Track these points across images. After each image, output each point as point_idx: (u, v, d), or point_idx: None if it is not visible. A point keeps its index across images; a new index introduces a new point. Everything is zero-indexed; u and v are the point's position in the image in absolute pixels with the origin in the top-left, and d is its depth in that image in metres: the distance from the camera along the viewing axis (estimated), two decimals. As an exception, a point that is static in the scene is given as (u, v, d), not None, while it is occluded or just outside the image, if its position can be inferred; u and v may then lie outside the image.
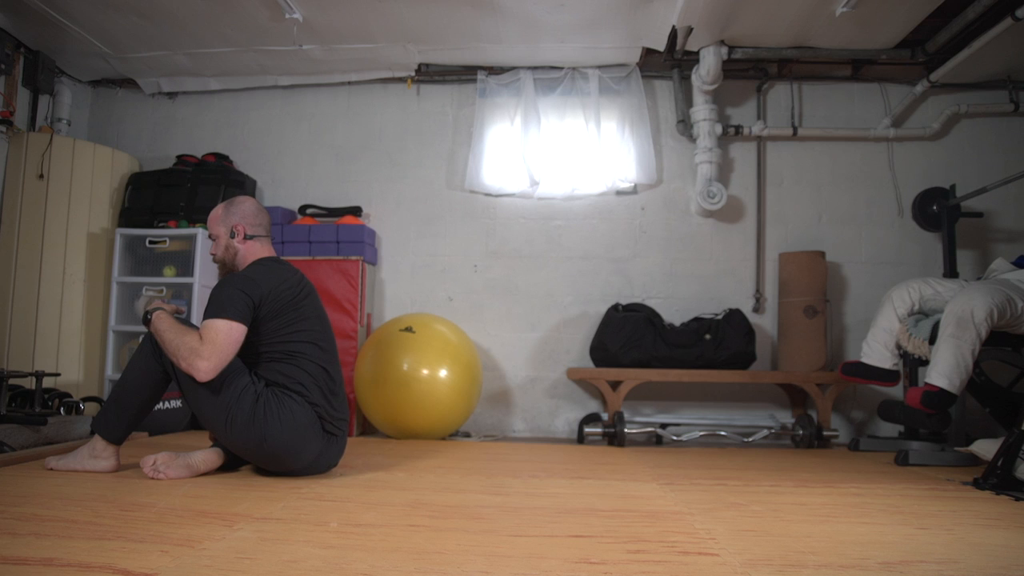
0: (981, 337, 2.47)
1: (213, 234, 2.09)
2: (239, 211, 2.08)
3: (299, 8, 3.28)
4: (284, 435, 1.86)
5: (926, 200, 3.60)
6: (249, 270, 1.99)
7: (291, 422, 1.87)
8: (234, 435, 1.86)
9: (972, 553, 1.32)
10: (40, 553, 1.15)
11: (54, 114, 3.92)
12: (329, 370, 2.01)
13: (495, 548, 1.28)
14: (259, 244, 2.07)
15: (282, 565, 1.13)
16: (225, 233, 2.06)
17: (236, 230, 2.06)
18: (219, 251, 2.08)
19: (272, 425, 1.84)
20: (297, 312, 1.97)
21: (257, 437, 1.85)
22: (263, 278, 1.94)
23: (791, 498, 1.88)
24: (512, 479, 2.11)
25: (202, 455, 1.97)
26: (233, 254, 2.07)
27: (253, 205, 2.11)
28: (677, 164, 3.89)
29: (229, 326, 1.81)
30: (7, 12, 3.38)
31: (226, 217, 2.07)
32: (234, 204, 2.10)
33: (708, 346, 3.38)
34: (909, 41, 3.46)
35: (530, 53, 3.77)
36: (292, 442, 1.88)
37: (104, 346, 3.56)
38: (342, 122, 4.10)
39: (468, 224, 3.94)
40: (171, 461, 1.89)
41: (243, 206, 2.09)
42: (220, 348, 1.79)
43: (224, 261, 2.08)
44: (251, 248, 2.06)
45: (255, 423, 1.84)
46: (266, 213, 2.15)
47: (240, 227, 2.06)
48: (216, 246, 2.09)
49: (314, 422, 1.92)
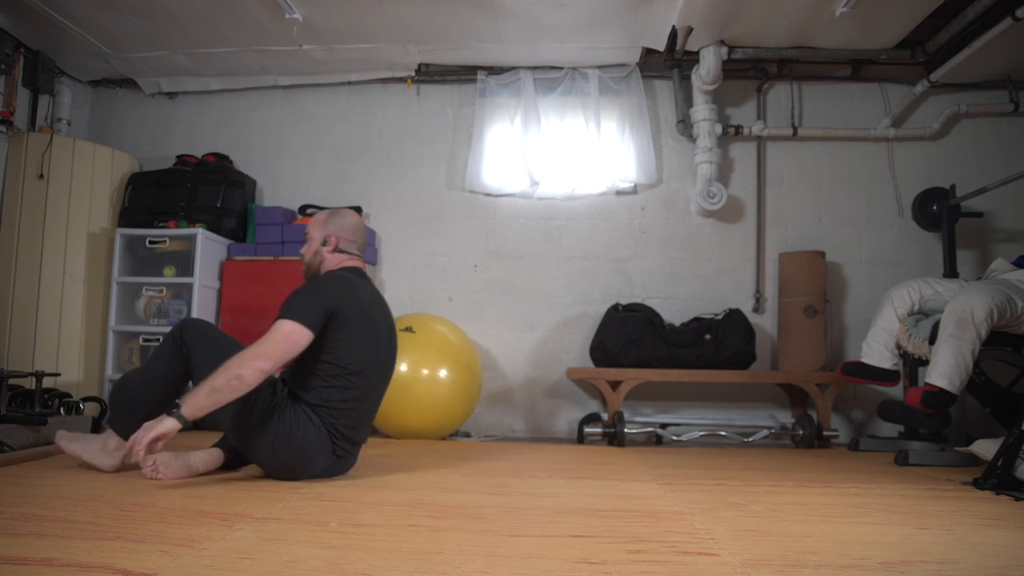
0: (981, 337, 2.47)
1: (309, 235, 2.11)
2: (339, 223, 2.09)
3: (299, 8, 3.27)
4: (292, 452, 1.86)
5: (926, 200, 3.60)
6: (327, 276, 1.99)
7: (301, 441, 1.86)
8: (244, 438, 1.86)
9: (972, 553, 1.31)
10: (40, 553, 1.15)
11: (54, 114, 3.92)
12: (371, 399, 2.00)
13: (495, 548, 1.28)
14: (345, 258, 2.08)
15: (282, 565, 1.13)
16: (319, 238, 2.08)
17: (329, 239, 2.07)
18: (308, 253, 2.10)
19: (281, 440, 1.84)
20: (361, 330, 1.94)
21: (265, 447, 1.85)
22: (338, 286, 1.93)
23: (791, 498, 1.88)
24: (512, 479, 2.11)
25: (202, 455, 1.97)
26: (319, 261, 2.08)
27: (354, 222, 2.13)
28: (677, 164, 3.89)
29: (292, 327, 1.79)
30: (7, 12, 3.38)
31: (325, 224, 2.09)
32: (337, 215, 2.12)
33: (708, 346, 3.38)
34: (909, 41, 3.46)
35: (530, 53, 3.77)
36: (298, 460, 1.89)
37: (104, 346, 3.56)
38: (342, 122, 4.09)
39: (468, 224, 3.94)
40: (170, 461, 1.89)
41: (344, 220, 2.11)
42: (275, 347, 1.77)
43: (309, 264, 2.09)
44: (336, 261, 2.07)
45: (266, 433, 1.83)
46: (364, 233, 2.16)
47: (334, 238, 2.07)
48: (307, 248, 2.10)
49: (325, 444, 1.90)
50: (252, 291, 3.58)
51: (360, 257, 2.14)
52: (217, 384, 1.71)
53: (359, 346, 1.94)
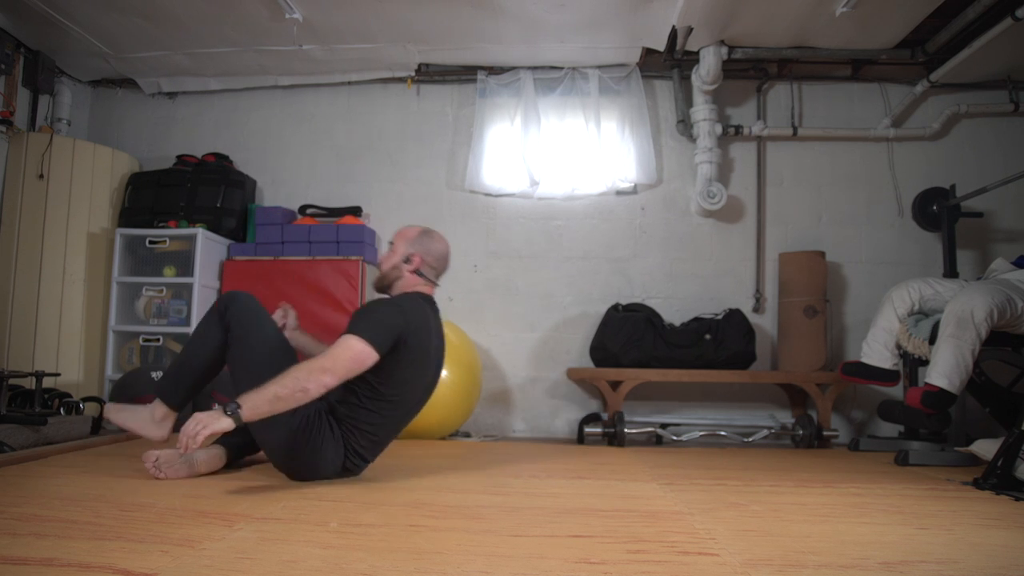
0: (981, 337, 2.47)
1: (393, 247, 2.08)
2: (428, 245, 2.07)
3: (299, 8, 3.27)
4: (303, 456, 1.86)
5: (926, 200, 3.60)
6: (404, 301, 1.96)
7: (317, 451, 1.85)
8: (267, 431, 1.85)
9: (972, 553, 1.31)
10: (40, 553, 1.15)
11: (54, 114, 3.92)
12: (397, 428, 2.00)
13: (495, 548, 1.28)
14: (422, 282, 2.06)
15: (282, 565, 1.13)
16: (403, 254, 2.05)
17: (412, 259, 2.04)
18: (386, 264, 2.07)
19: (299, 442, 1.83)
20: (414, 366, 1.93)
21: (282, 442, 1.84)
22: (415, 316, 1.91)
23: (791, 498, 1.88)
24: (512, 479, 2.11)
25: (205, 455, 1.96)
26: (395, 277, 2.05)
27: (443, 249, 2.11)
28: (677, 164, 3.89)
29: (363, 348, 1.77)
30: (7, 12, 3.38)
31: (414, 242, 2.07)
32: (429, 236, 2.09)
33: (708, 346, 3.38)
34: (909, 41, 3.46)
35: (530, 53, 3.77)
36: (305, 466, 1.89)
37: (104, 346, 3.56)
38: (342, 122, 4.10)
39: (468, 224, 3.94)
40: (173, 460, 1.89)
41: (434, 244, 2.08)
42: (343, 365, 1.75)
43: (384, 275, 2.07)
44: (413, 282, 2.05)
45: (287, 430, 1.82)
46: (448, 263, 2.14)
47: (418, 258, 2.04)
48: (387, 258, 2.07)
49: (337, 459, 1.90)
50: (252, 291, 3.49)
51: (435, 285, 2.10)
52: (282, 394, 1.69)
53: (408, 379, 1.93)
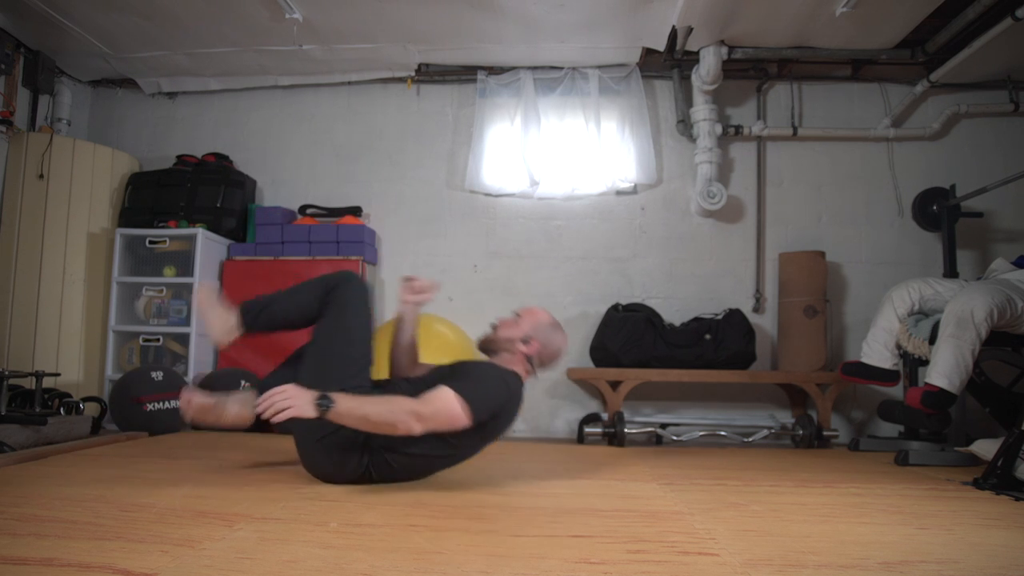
0: (981, 337, 2.47)
1: (520, 319, 2.05)
2: (549, 337, 2.04)
3: (299, 8, 3.28)
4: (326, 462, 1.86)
5: (926, 200, 3.60)
6: (512, 379, 1.92)
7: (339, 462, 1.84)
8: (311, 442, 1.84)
9: (972, 553, 1.32)
10: (40, 553, 1.15)
11: (54, 114, 3.92)
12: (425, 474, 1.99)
13: (495, 548, 1.28)
14: (524, 365, 2.03)
15: (282, 565, 1.13)
16: (525, 333, 2.02)
17: (531, 342, 2.01)
18: (505, 333, 2.03)
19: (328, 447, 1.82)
20: (486, 437, 1.93)
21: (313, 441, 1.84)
22: (516, 396, 1.91)
23: (791, 498, 1.88)
24: (512, 479, 2.11)
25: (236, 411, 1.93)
26: (506, 349, 2.02)
27: (560, 348, 2.08)
28: (677, 164, 3.89)
29: (461, 412, 1.73)
30: (7, 12, 3.38)
31: (540, 328, 2.04)
32: (555, 330, 2.07)
33: (708, 346, 3.38)
34: (909, 41, 3.46)
35: (530, 53, 3.77)
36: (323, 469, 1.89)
37: (104, 346, 3.56)
38: (342, 122, 4.10)
39: (468, 224, 3.94)
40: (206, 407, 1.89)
41: (555, 339, 2.06)
42: (435, 421, 1.72)
43: (496, 340, 2.04)
44: (518, 362, 2.02)
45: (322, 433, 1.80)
46: (556, 363, 2.12)
47: (536, 345, 2.02)
48: (508, 326, 2.04)
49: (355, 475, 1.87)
50: (252, 291, 3.51)
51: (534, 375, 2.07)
52: (373, 419, 1.68)
53: (473, 445, 1.93)
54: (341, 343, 1.90)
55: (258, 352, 3.52)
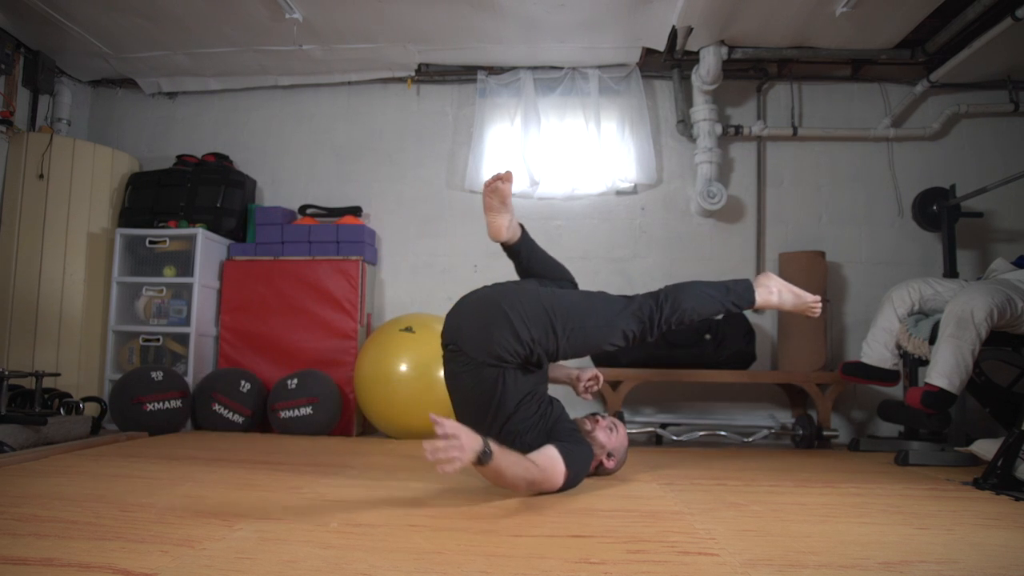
0: (981, 337, 2.47)
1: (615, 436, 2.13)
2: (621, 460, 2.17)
3: (299, 8, 3.28)
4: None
5: (926, 200, 3.60)
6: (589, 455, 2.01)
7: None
8: (481, 410, 1.94)
9: (972, 553, 1.32)
10: (40, 553, 1.15)
11: (54, 114, 3.92)
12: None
13: (495, 548, 1.28)
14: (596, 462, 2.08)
15: (282, 565, 1.13)
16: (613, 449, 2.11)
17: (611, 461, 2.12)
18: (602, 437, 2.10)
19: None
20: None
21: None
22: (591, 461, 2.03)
23: (791, 498, 1.88)
24: (512, 479, 2.10)
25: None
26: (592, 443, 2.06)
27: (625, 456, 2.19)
28: (677, 164, 3.89)
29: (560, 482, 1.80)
30: (7, 12, 3.38)
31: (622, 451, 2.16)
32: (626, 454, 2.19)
33: (708, 346, 3.38)
34: (909, 41, 3.46)
35: (530, 53, 3.77)
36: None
37: (104, 346, 3.56)
38: (342, 122, 4.10)
39: (468, 224, 3.93)
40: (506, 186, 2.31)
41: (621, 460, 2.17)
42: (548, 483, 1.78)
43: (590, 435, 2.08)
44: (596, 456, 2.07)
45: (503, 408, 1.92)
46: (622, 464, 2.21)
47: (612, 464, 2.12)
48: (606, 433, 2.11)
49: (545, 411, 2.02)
50: (252, 291, 3.59)
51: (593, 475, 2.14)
52: (520, 477, 1.71)
53: None
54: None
55: (258, 352, 3.53)
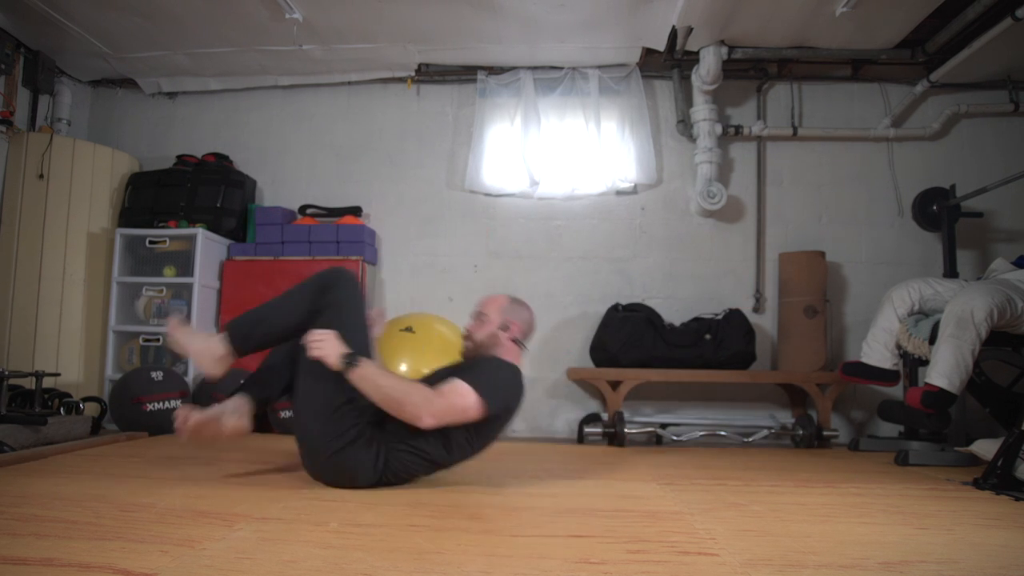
0: (981, 337, 2.47)
1: (485, 315, 2.06)
2: (521, 314, 2.09)
3: (299, 8, 3.27)
4: (339, 474, 1.83)
5: (926, 200, 3.60)
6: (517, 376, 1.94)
7: (352, 473, 1.82)
8: (309, 426, 1.81)
9: (972, 553, 1.32)
10: (40, 553, 1.15)
11: (54, 114, 3.92)
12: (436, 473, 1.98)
13: (495, 548, 1.28)
14: (517, 351, 2.06)
15: (282, 565, 1.13)
16: (499, 322, 2.04)
17: (510, 326, 2.04)
18: (481, 331, 2.05)
19: (341, 453, 1.79)
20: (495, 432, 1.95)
21: (323, 446, 1.79)
22: (521, 392, 1.93)
23: (791, 498, 1.88)
24: (512, 479, 2.11)
25: (233, 424, 1.89)
26: (493, 344, 2.03)
27: (532, 318, 2.14)
28: (677, 164, 3.89)
29: (476, 403, 1.75)
30: (7, 12, 3.38)
31: (508, 310, 2.07)
32: (519, 305, 2.11)
33: (708, 346, 3.38)
34: (909, 41, 3.46)
35: (530, 53, 3.77)
36: (342, 473, 1.84)
37: (104, 346, 3.56)
38: (342, 122, 4.09)
39: (468, 224, 3.93)
40: (203, 423, 1.83)
41: (525, 313, 2.11)
42: (450, 412, 1.74)
43: (480, 344, 2.05)
44: (510, 351, 2.04)
45: (334, 439, 1.77)
46: (534, 330, 2.16)
47: (516, 327, 2.05)
48: (480, 326, 2.06)
49: (374, 475, 1.85)
50: (252, 291, 3.58)
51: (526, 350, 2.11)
52: (391, 393, 1.70)
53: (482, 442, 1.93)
54: (352, 340, 1.84)
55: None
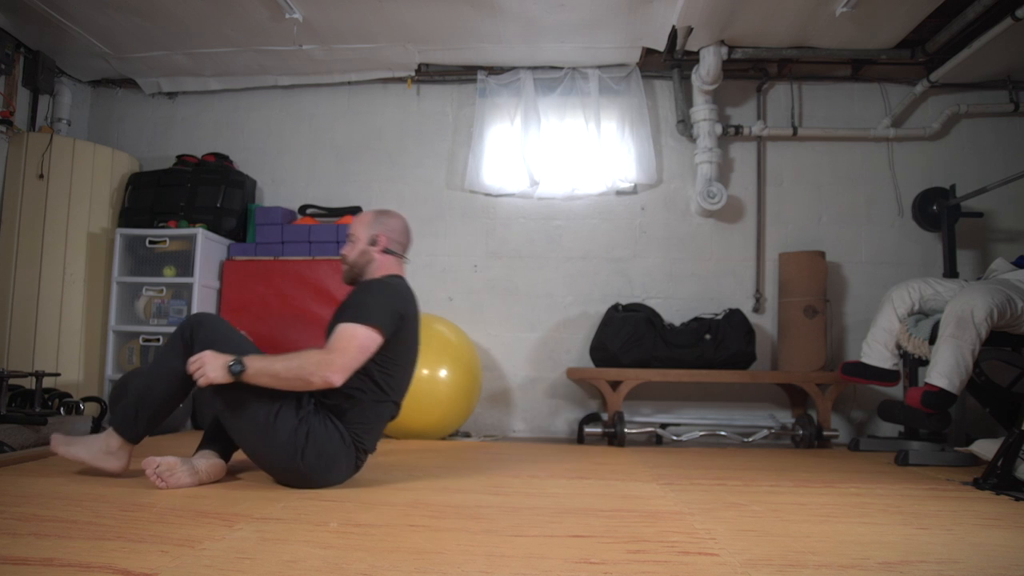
0: (981, 337, 2.47)
1: (353, 235, 2.05)
2: (387, 223, 2.05)
3: (299, 8, 3.27)
4: (318, 464, 1.78)
5: (926, 200, 3.60)
6: (392, 281, 1.93)
7: (331, 454, 1.79)
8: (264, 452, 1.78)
9: (972, 553, 1.31)
10: (40, 553, 1.15)
11: (54, 114, 3.92)
12: (392, 413, 1.95)
13: (495, 548, 1.28)
14: (394, 261, 2.04)
15: (282, 565, 1.13)
16: (366, 238, 2.02)
17: (378, 239, 2.02)
18: (353, 253, 2.03)
19: (310, 453, 1.76)
20: (406, 347, 1.91)
21: (288, 459, 1.76)
22: (405, 293, 1.90)
23: (791, 498, 1.88)
24: (512, 479, 2.11)
25: (207, 464, 1.86)
26: (366, 261, 2.02)
27: (402, 224, 2.10)
28: (677, 164, 3.89)
29: (368, 333, 1.74)
30: (7, 12, 3.38)
31: (373, 223, 2.04)
32: (385, 215, 2.08)
33: (708, 346, 3.38)
34: (909, 41, 3.46)
35: (530, 53, 3.77)
36: (324, 471, 1.81)
37: (104, 346, 3.56)
38: (342, 122, 4.09)
39: (468, 224, 3.94)
40: (175, 468, 1.78)
41: (392, 220, 2.07)
42: (351, 355, 1.71)
43: (354, 264, 2.03)
44: (386, 262, 2.02)
45: (291, 446, 1.74)
46: (410, 236, 2.13)
47: (383, 238, 2.02)
48: (351, 247, 2.04)
49: (350, 455, 1.84)
50: (252, 291, 3.59)
51: (404, 260, 2.08)
52: (284, 375, 1.68)
53: (401, 361, 1.90)
54: None
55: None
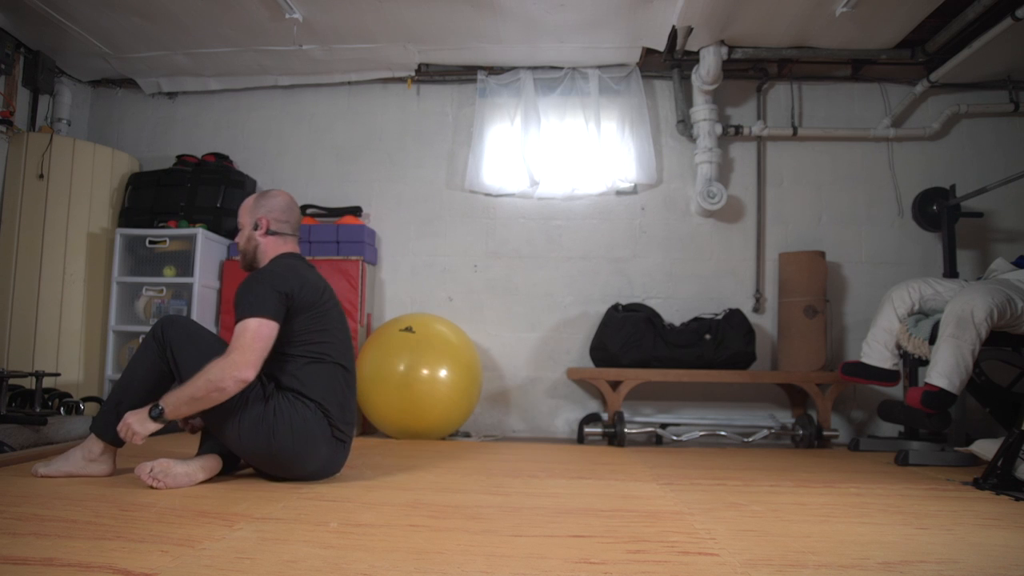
0: (981, 337, 2.47)
1: (240, 223, 2.05)
2: (268, 204, 2.03)
3: (299, 8, 3.28)
4: (294, 441, 1.81)
5: (926, 200, 3.60)
6: (273, 265, 1.93)
7: (302, 428, 1.82)
8: (242, 440, 1.81)
9: (972, 553, 1.31)
10: (40, 553, 1.15)
11: (54, 114, 3.92)
12: (347, 376, 1.96)
13: (495, 548, 1.28)
14: (282, 241, 2.02)
15: (282, 565, 1.13)
16: (250, 224, 2.01)
17: (260, 223, 2.00)
18: (241, 241, 2.03)
19: (282, 431, 1.79)
20: (320, 314, 1.92)
21: (264, 443, 1.79)
22: (286, 273, 1.89)
23: (791, 498, 1.88)
24: (512, 479, 2.11)
25: (201, 462, 1.87)
26: (254, 247, 2.01)
27: (284, 201, 2.06)
28: (677, 164, 3.89)
29: (259, 323, 1.76)
30: (7, 12, 3.38)
31: (254, 208, 2.02)
32: (265, 196, 2.05)
33: (708, 346, 3.38)
34: (909, 41, 3.46)
35: (530, 53, 3.77)
36: (301, 449, 1.83)
37: (104, 346, 3.56)
38: (342, 122, 4.10)
39: (468, 224, 3.94)
40: (169, 468, 1.78)
41: (273, 200, 2.04)
42: (251, 352, 1.74)
43: (244, 252, 2.03)
44: (272, 244, 2.01)
45: (263, 428, 1.78)
46: (297, 210, 2.09)
47: (264, 220, 2.00)
48: (240, 235, 2.04)
49: (324, 426, 1.87)
50: None
51: (296, 238, 2.06)
52: (198, 395, 1.70)
53: (318, 327, 1.91)
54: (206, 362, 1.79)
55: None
